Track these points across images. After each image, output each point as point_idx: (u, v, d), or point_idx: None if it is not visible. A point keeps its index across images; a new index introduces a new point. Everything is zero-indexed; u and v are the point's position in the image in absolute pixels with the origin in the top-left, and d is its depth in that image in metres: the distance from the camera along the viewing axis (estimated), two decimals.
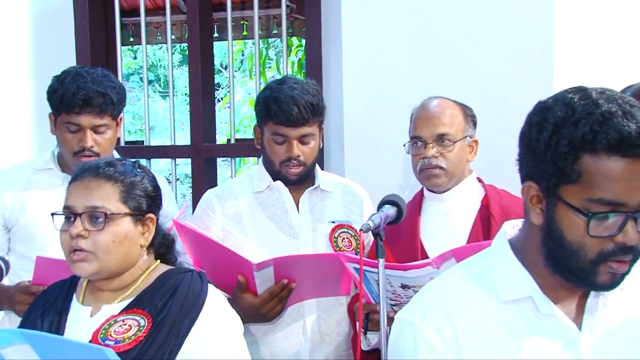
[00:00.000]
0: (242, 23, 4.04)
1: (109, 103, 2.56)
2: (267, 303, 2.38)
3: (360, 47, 3.25)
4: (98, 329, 1.83)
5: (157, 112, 10.20)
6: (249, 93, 9.85)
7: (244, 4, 3.95)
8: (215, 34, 4.02)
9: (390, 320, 1.66)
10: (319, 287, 2.46)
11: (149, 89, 4.67)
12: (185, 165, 7.74)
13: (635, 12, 3.10)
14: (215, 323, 1.86)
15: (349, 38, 3.27)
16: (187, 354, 1.80)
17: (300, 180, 2.57)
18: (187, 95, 4.60)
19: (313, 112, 2.49)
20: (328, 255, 2.45)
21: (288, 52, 5.42)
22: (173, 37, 4.05)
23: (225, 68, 10.02)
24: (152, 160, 4.03)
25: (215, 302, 1.90)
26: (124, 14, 4.11)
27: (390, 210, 2.17)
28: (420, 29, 3.15)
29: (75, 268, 1.85)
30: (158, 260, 1.99)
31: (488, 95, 2.96)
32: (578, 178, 1.32)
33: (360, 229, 2.06)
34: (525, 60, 3.00)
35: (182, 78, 10.39)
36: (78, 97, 2.51)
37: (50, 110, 2.63)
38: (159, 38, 4.22)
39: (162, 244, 2.00)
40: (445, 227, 2.49)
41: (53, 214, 1.90)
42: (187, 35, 3.93)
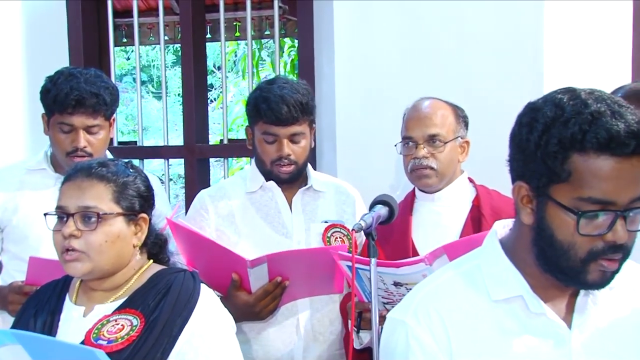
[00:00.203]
0: (234, 24, 4.04)
1: (102, 103, 2.56)
2: (261, 301, 2.39)
3: (352, 47, 3.26)
4: (91, 329, 1.83)
5: (150, 112, 10.19)
6: (242, 93, 9.86)
7: (237, 5, 3.95)
8: (208, 35, 4.02)
9: (383, 319, 1.66)
10: (312, 285, 2.46)
11: (142, 90, 4.67)
12: (178, 166, 7.74)
13: (624, 13, 3.12)
14: (208, 322, 1.86)
15: (341, 39, 3.27)
16: (179, 354, 1.80)
17: (292, 179, 2.58)
18: (180, 96, 4.60)
19: (302, 111, 2.50)
20: (321, 250, 2.46)
21: (280, 52, 5.42)
22: (166, 38, 4.05)
23: (218, 69, 10.01)
24: (145, 161, 4.02)
25: (208, 301, 1.90)
26: (117, 15, 4.11)
27: (382, 210, 2.18)
28: (412, 30, 3.16)
29: (68, 268, 1.85)
30: (151, 260, 1.99)
31: (479, 96, 2.97)
32: (568, 177, 1.33)
33: (353, 229, 2.07)
34: (516, 62, 3.01)
35: (175, 79, 10.37)
36: (71, 97, 2.51)
37: (44, 111, 2.63)
38: (152, 39, 4.22)
39: (154, 244, 2.00)
40: (437, 227, 2.50)
41: (46, 214, 1.91)
42: (180, 36, 3.93)
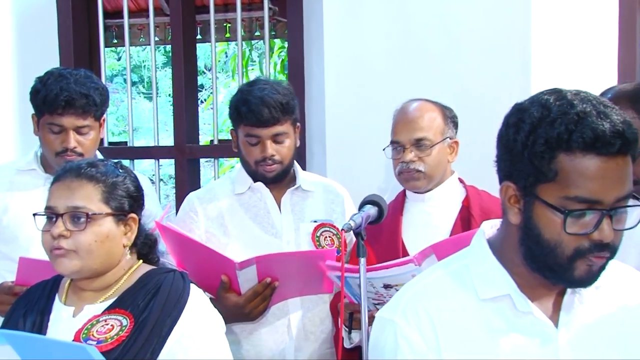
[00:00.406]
0: (224, 25, 4.04)
1: (92, 104, 2.56)
2: (250, 302, 2.38)
3: (342, 48, 3.27)
4: (80, 329, 1.83)
5: (140, 113, 10.17)
6: (232, 94, 9.83)
7: (227, 7, 3.96)
8: (199, 36, 4.02)
9: (373, 319, 1.67)
10: (302, 285, 2.46)
11: (133, 91, 4.67)
12: (169, 166, 7.72)
13: (610, 14, 3.14)
14: (197, 322, 1.86)
15: (331, 40, 3.28)
16: (169, 354, 1.80)
17: (278, 179, 2.59)
18: (170, 97, 4.60)
19: (283, 111, 2.50)
20: (310, 252, 2.46)
21: (270, 53, 5.43)
22: (156, 38, 4.05)
23: (209, 69, 10.00)
24: (135, 161, 4.02)
25: (197, 301, 1.90)
26: (107, 16, 4.11)
27: (372, 210, 2.19)
28: (402, 31, 3.17)
29: (58, 265, 1.85)
30: (140, 260, 1.99)
31: (468, 96, 2.99)
32: (555, 177, 1.34)
33: (342, 229, 2.08)
34: (504, 62, 3.03)
35: (165, 79, 10.36)
36: (61, 98, 2.51)
37: (33, 112, 2.63)
38: (143, 40, 4.22)
39: (144, 244, 2.00)
40: (427, 227, 2.51)
41: (35, 215, 1.90)
42: (170, 37, 3.93)
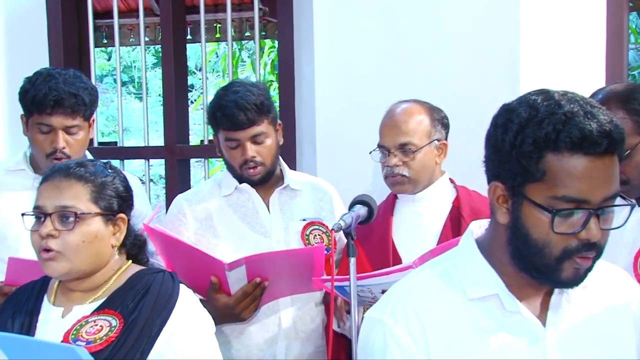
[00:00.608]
0: (215, 25, 4.05)
1: (81, 104, 2.55)
2: (240, 302, 2.38)
3: (332, 49, 3.27)
4: (69, 330, 1.82)
5: (130, 113, 10.16)
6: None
7: (217, 7, 3.97)
8: (189, 36, 4.03)
9: None
10: (292, 284, 2.46)
11: (123, 91, 4.66)
12: (159, 166, 7.73)
13: (598, 15, 3.16)
14: (187, 323, 1.86)
15: (321, 40, 3.28)
16: (158, 354, 1.80)
17: (264, 180, 2.58)
18: (160, 97, 4.60)
19: (258, 111, 2.49)
20: (298, 250, 2.46)
21: (261, 54, 5.43)
22: (146, 39, 4.05)
23: (199, 70, 10.00)
24: (125, 162, 4.02)
25: (187, 302, 1.90)
26: (97, 16, 4.11)
27: (362, 210, 2.20)
28: (391, 32, 3.18)
29: (46, 267, 1.85)
30: (130, 261, 1.99)
31: (458, 96, 2.99)
32: (542, 176, 1.35)
33: (332, 229, 2.09)
34: (493, 63, 3.03)
35: (155, 80, 10.36)
36: (50, 97, 2.50)
37: (22, 112, 2.62)
38: (133, 40, 4.23)
39: (134, 245, 2.00)
40: (417, 227, 2.52)
41: (23, 214, 1.90)
42: (160, 37, 3.93)
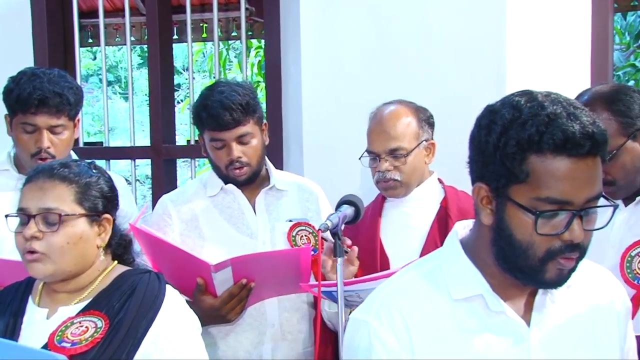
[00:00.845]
0: (201, 25, 4.04)
1: (66, 103, 2.54)
2: (226, 304, 2.38)
3: (319, 49, 3.27)
4: (54, 331, 1.82)
5: (117, 113, 10.13)
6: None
7: (204, 7, 3.96)
8: (175, 36, 4.02)
9: None
10: (278, 285, 2.46)
11: (109, 90, 4.65)
12: (146, 167, 7.70)
13: (584, 17, 3.18)
14: (173, 323, 1.86)
15: (308, 40, 3.28)
16: (144, 355, 1.80)
17: (250, 181, 2.58)
18: (147, 97, 4.59)
19: (244, 111, 2.48)
20: (285, 251, 2.46)
21: (248, 53, 5.43)
22: (132, 38, 4.04)
23: (186, 70, 9.97)
24: (111, 162, 4.01)
25: (173, 302, 1.90)
26: (83, 16, 4.09)
27: (348, 210, 2.20)
28: (378, 32, 3.18)
29: (31, 269, 1.84)
30: (116, 262, 1.98)
31: (444, 97, 3.00)
32: (526, 178, 1.35)
33: (319, 229, 2.09)
34: (479, 65, 3.05)
35: (142, 79, 10.31)
36: (34, 97, 2.49)
37: (7, 112, 2.61)
38: (118, 39, 4.21)
39: (119, 245, 1.99)
40: (406, 228, 2.52)
41: (7, 216, 1.89)
42: (146, 37, 3.92)
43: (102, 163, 3.80)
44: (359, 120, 2.65)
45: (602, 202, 1.41)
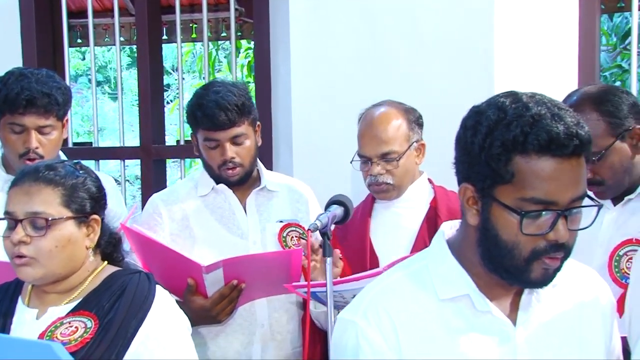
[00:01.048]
0: (191, 25, 4.04)
1: (54, 103, 2.54)
2: (217, 304, 2.38)
3: (308, 49, 3.28)
4: (44, 332, 1.82)
5: (106, 113, 10.10)
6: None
7: (193, 7, 3.96)
8: (165, 37, 4.02)
9: None
10: (269, 286, 2.45)
11: (98, 91, 4.65)
12: (135, 167, 7.68)
13: (572, 17, 3.19)
14: (163, 324, 1.86)
15: (297, 41, 3.29)
16: (134, 355, 1.80)
17: (242, 181, 2.57)
18: (136, 97, 4.59)
19: (239, 112, 2.48)
20: (276, 253, 2.47)
21: (237, 53, 5.43)
22: (122, 39, 4.03)
23: (175, 70, 9.97)
24: (101, 162, 4.00)
25: (163, 303, 1.90)
26: (72, 16, 4.08)
27: (338, 210, 2.21)
28: (368, 32, 3.19)
29: (20, 273, 1.84)
30: (105, 262, 1.98)
31: (433, 97, 3.01)
32: (511, 178, 1.36)
33: (308, 229, 2.09)
34: (468, 65, 3.06)
35: (131, 80, 10.29)
36: (22, 97, 2.49)
37: None
38: (108, 40, 4.21)
39: (108, 243, 1.99)
40: (396, 228, 2.53)
41: None
42: (135, 37, 3.92)
43: (91, 163, 3.79)
44: (349, 121, 2.66)
45: (586, 201, 1.42)
